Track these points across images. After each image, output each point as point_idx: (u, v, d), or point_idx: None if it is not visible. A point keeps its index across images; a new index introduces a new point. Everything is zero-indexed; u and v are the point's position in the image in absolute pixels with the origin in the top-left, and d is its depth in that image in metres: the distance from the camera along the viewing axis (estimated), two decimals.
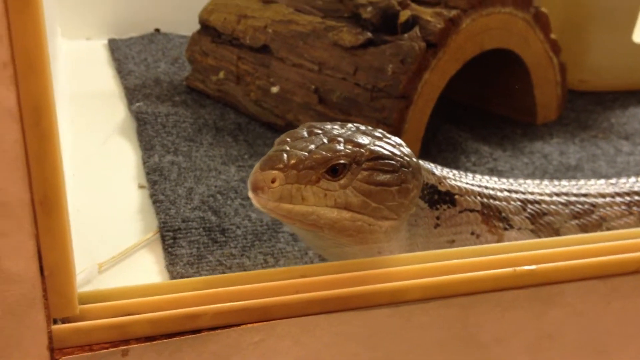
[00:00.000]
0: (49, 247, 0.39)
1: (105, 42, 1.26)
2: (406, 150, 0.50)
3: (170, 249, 0.64)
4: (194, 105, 0.97)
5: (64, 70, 1.10)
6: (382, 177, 0.48)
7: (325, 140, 0.48)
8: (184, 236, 0.66)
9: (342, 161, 0.47)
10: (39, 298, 0.39)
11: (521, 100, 0.96)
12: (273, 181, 0.45)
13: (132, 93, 0.99)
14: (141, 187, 0.76)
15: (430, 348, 0.47)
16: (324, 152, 0.47)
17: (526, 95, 0.95)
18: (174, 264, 0.62)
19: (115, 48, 1.21)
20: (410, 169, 0.49)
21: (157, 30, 1.29)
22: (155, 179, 0.76)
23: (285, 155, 0.46)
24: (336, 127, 0.50)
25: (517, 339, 0.49)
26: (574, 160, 0.84)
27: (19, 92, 0.35)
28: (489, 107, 1.00)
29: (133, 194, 0.75)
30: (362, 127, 0.51)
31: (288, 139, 0.48)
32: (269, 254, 0.64)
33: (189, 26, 1.08)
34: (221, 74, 0.98)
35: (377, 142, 0.49)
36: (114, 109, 0.97)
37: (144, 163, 0.80)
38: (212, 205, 0.71)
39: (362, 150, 0.48)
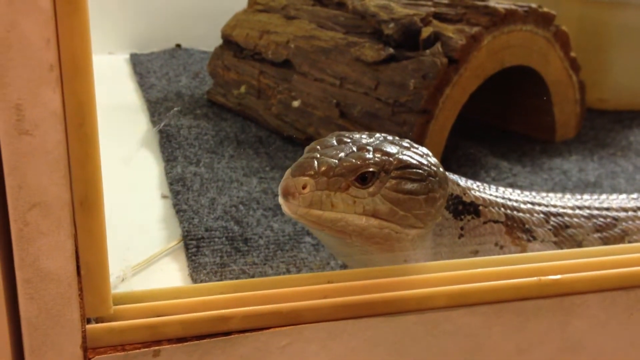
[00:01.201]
0: (86, 247, 0.39)
1: (127, 56, 1.28)
2: (433, 160, 0.51)
3: (193, 257, 0.65)
4: (215, 118, 0.98)
5: None
6: (410, 186, 0.48)
7: (354, 149, 0.49)
8: (207, 245, 0.67)
9: (371, 169, 0.48)
10: (75, 297, 0.40)
11: (540, 118, 0.96)
12: (304, 187, 0.46)
13: (154, 106, 1.01)
14: (164, 197, 0.77)
15: (455, 356, 0.47)
16: (353, 160, 0.47)
17: (545, 113, 0.95)
18: (198, 271, 0.63)
19: (137, 62, 1.23)
20: (437, 179, 0.50)
21: (178, 45, 1.31)
22: (178, 189, 0.77)
23: (316, 162, 0.47)
24: (364, 136, 0.51)
25: (541, 349, 0.49)
26: (592, 177, 0.85)
27: (64, 94, 0.36)
28: (508, 126, 1.01)
29: (156, 204, 0.76)
30: (390, 137, 0.52)
31: (318, 147, 0.49)
32: (291, 263, 0.64)
33: (210, 42, 1.09)
34: (242, 88, 0.99)
35: (405, 152, 0.50)
36: (136, 122, 0.98)
37: (167, 174, 0.81)
38: (235, 216, 0.72)
39: (390, 159, 0.49)
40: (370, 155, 0.48)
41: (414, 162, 0.49)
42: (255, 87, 0.97)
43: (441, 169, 0.52)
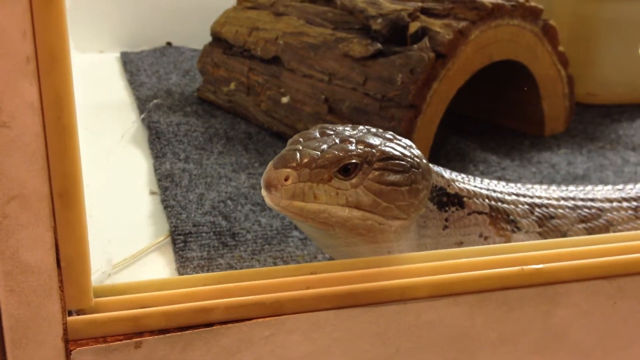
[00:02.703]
0: (66, 240, 0.40)
1: (118, 55, 1.28)
2: (416, 151, 0.51)
3: (181, 252, 0.65)
4: (205, 115, 0.98)
5: (77, 82, 1.11)
6: (393, 177, 0.48)
7: (337, 141, 0.49)
8: (194, 240, 0.67)
9: (353, 161, 0.48)
10: (55, 289, 0.40)
11: (529, 113, 0.97)
12: (286, 179, 0.46)
13: (144, 103, 1.01)
14: (152, 193, 0.77)
15: (439, 346, 0.47)
16: (336, 152, 0.48)
17: (534, 108, 0.96)
18: (185, 266, 0.63)
19: (128, 61, 1.23)
20: (420, 170, 0.50)
21: (169, 43, 1.31)
22: (167, 185, 0.77)
23: (298, 154, 0.47)
24: (348, 128, 0.51)
25: (524, 338, 0.49)
26: (581, 170, 0.85)
27: (41, 86, 0.36)
28: (497, 120, 1.01)
29: (144, 200, 0.76)
30: (373, 130, 0.52)
31: (301, 139, 0.49)
32: (278, 257, 0.65)
33: (200, 40, 1.09)
34: (232, 85, 0.99)
35: (388, 143, 0.50)
36: (126, 119, 0.98)
37: (155, 170, 0.81)
38: (223, 211, 0.72)
39: (373, 150, 0.49)
40: (352, 147, 0.48)
41: (397, 153, 0.49)
42: (244, 83, 0.97)
43: (424, 161, 0.52)
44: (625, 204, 0.60)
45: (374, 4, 0.89)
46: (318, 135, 0.50)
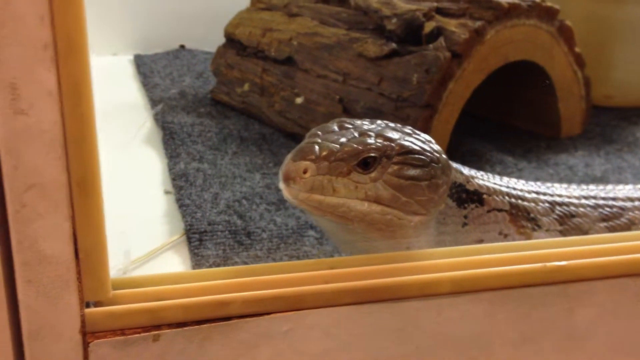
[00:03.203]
0: (84, 230, 0.39)
1: (131, 57, 1.28)
2: (435, 146, 0.51)
3: (196, 251, 0.64)
4: (219, 116, 0.98)
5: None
6: (413, 172, 0.48)
7: (356, 134, 0.48)
8: (209, 238, 0.66)
9: (373, 154, 0.47)
10: (73, 280, 0.39)
11: (545, 114, 0.96)
12: (305, 172, 0.46)
13: (158, 104, 1.01)
14: (167, 193, 0.77)
15: (460, 344, 0.47)
16: (355, 145, 0.47)
17: (550, 109, 0.95)
18: (200, 264, 0.62)
19: (141, 63, 1.22)
20: (440, 165, 0.50)
21: (182, 46, 1.31)
22: (181, 185, 0.76)
23: (317, 146, 0.46)
24: (366, 122, 0.51)
25: (546, 337, 0.48)
26: (599, 172, 0.84)
27: (59, 73, 0.36)
28: (513, 122, 1.00)
29: (159, 199, 0.76)
30: (392, 124, 0.51)
31: (319, 132, 0.49)
32: (294, 256, 0.64)
33: (214, 42, 1.09)
34: (246, 86, 0.99)
35: (407, 138, 0.49)
36: (139, 120, 0.98)
37: (170, 170, 0.80)
38: (238, 210, 0.71)
39: (392, 144, 0.48)
40: (372, 141, 0.48)
41: (417, 147, 0.49)
42: (258, 84, 0.97)
43: (444, 156, 0.51)
44: None
45: (389, 4, 0.88)
46: (336, 129, 0.49)
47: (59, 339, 0.40)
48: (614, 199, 0.59)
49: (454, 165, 0.55)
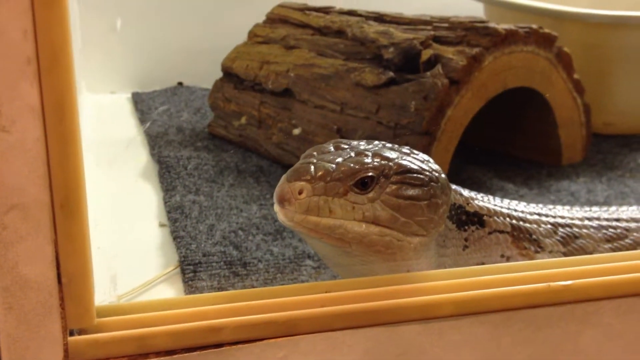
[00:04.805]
0: (68, 253, 0.38)
1: (129, 95, 1.27)
2: (434, 166, 0.49)
3: (190, 282, 0.63)
4: (216, 149, 0.97)
5: (88, 122, 1.11)
6: (411, 192, 0.46)
7: (352, 154, 0.47)
8: (204, 270, 0.65)
9: (370, 174, 0.46)
10: (56, 307, 0.38)
11: (545, 142, 0.95)
12: (300, 193, 0.44)
13: (155, 140, 1.00)
14: (162, 225, 0.76)
15: None
16: (351, 165, 0.46)
17: (550, 136, 0.94)
18: None
19: (139, 100, 1.22)
20: (440, 184, 0.48)
21: (180, 83, 1.31)
22: (177, 217, 0.75)
23: (312, 167, 0.45)
24: (363, 142, 0.50)
25: None
26: (602, 197, 0.82)
27: (42, 88, 0.35)
28: (513, 151, 0.99)
29: (154, 232, 0.75)
30: (389, 144, 0.50)
31: (315, 153, 0.48)
32: None
33: (212, 79, 1.08)
34: (243, 119, 0.98)
35: (405, 157, 0.48)
36: (136, 155, 0.97)
37: (165, 203, 0.79)
38: (234, 241, 0.70)
39: (390, 163, 0.47)
40: (369, 160, 0.46)
41: (415, 167, 0.48)
42: (256, 117, 0.96)
43: (443, 175, 0.50)
44: None
45: (386, 34, 0.88)
46: (332, 149, 0.48)
47: None
48: (617, 219, 0.57)
49: (454, 187, 0.53)
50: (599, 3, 1.12)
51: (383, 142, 0.51)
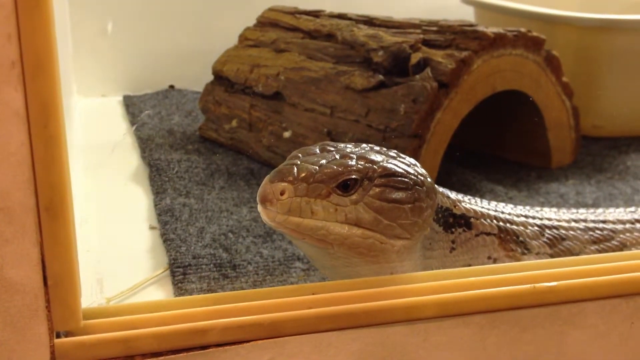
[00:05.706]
0: (53, 256, 0.38)
1: (120, 98, 1.28)
2: (420, 169, 0.50)
3: (180, 284, 0.63)
4: (207, 152, 0.97)
5: (79, 125, 1.11)
6: (395, 195, 0.47)
7: (337, 156, 0.47)
8: (194, 272, 0.65)
9: (353, 176, 0.46)
10: (42, 309, 0.38)
11: (535, 144, 0.95)
12: (282, 193, 0.44)
13: (145, 143, 1.00)
14: (152, 228, 0.76)
15: None
16: (335, 167, 0.46)
17: (540, 139, 0.94)
18: None
19: (130, 103, 1.22)
20: (425, 188, 0.48)
21: (172, 86, 1.31)
22: (167, 220, 0.75)
23: (295, 168, 0.45)
24: (349, 145, 0.50)
25: None
26: (590, 199, 0.83)
27: (27, 92, 0.35)
28: (502, 154, 1.00)
29: (144, 235, 0.75)
30: (377, 147, 0.51)
31: (300, 154, 0.48)
32: None
33: (203, 82, 1.09)
34: (234, 122, 0.98)
35: (391, 160, 0.48)
36: (127, 158, 0.97)
37: (155, 205, 0.79)
38: (224, 243, 0.70)
39: (374, 166, 0.47)
40: (353, 163, 0.47)
41: (400, 170, 0.48)
42: (246, 120, 0.96)
43: (429, 179, 0.50)
44: (638, 225, 0.58)
45: (375, 37, 0.88)
46: (318, 151, 0.48)
47: None
48: (604, 221, 0.58)
49: (441, 189, 0.54)
50: (589, 7, 1.13)
51: (371, 145, 0.51)
